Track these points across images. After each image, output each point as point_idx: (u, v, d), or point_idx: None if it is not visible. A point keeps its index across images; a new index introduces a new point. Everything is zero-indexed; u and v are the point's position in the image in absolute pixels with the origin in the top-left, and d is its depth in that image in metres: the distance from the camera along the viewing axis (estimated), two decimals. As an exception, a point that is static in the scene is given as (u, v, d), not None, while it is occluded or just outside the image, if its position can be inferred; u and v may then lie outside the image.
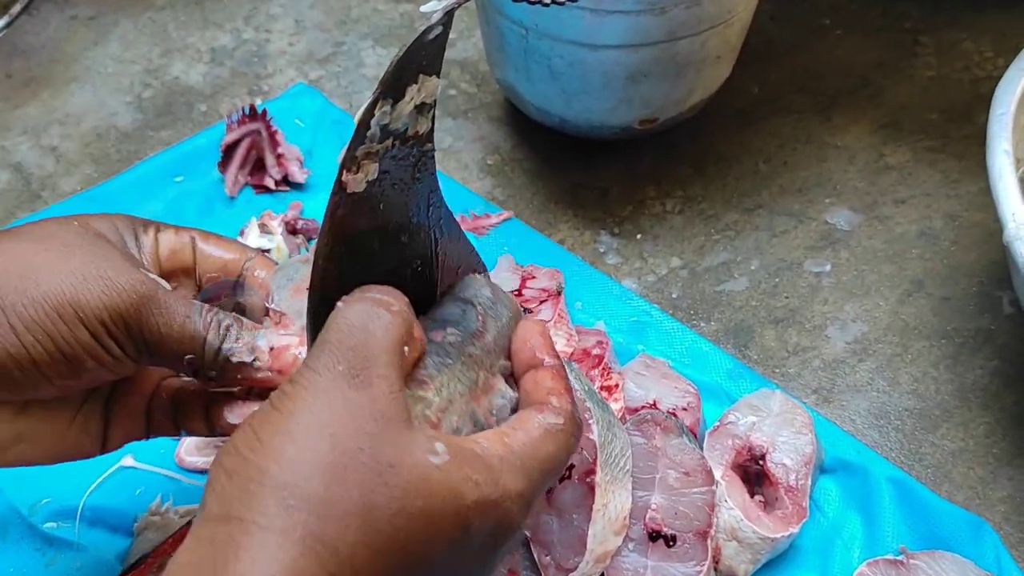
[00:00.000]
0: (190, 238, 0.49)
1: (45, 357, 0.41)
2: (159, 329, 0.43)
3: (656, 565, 0.59)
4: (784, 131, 0.90)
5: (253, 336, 0.44)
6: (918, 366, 0.73)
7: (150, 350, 0.43)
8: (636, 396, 0.67)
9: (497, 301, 0.47)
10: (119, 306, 0.42)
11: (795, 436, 0.63)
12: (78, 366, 0.42)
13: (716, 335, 0.75)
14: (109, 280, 0.42)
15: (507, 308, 0.47)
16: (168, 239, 0.48)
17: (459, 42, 1.00)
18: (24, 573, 0.62)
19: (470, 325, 0.45)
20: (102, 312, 0.42)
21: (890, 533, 0.62)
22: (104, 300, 0.42)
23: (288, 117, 0.90)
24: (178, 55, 1.01)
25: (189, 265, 0.49)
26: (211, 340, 0.44)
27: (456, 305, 0.46)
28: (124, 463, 0.66)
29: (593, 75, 0.76)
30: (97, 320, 0.42)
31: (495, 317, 0.46)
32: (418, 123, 0.42)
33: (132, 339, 0.43)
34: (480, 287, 0.47)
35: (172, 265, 0.48)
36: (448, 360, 0.42)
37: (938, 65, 0.95)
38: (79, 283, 0.42)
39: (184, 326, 0.43)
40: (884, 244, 0.81)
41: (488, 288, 0.47)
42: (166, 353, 0.44)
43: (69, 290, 0.41)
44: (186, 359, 0.44)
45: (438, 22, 0.39)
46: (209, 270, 0.49)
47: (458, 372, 0.42)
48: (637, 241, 0.82)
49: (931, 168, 0.86)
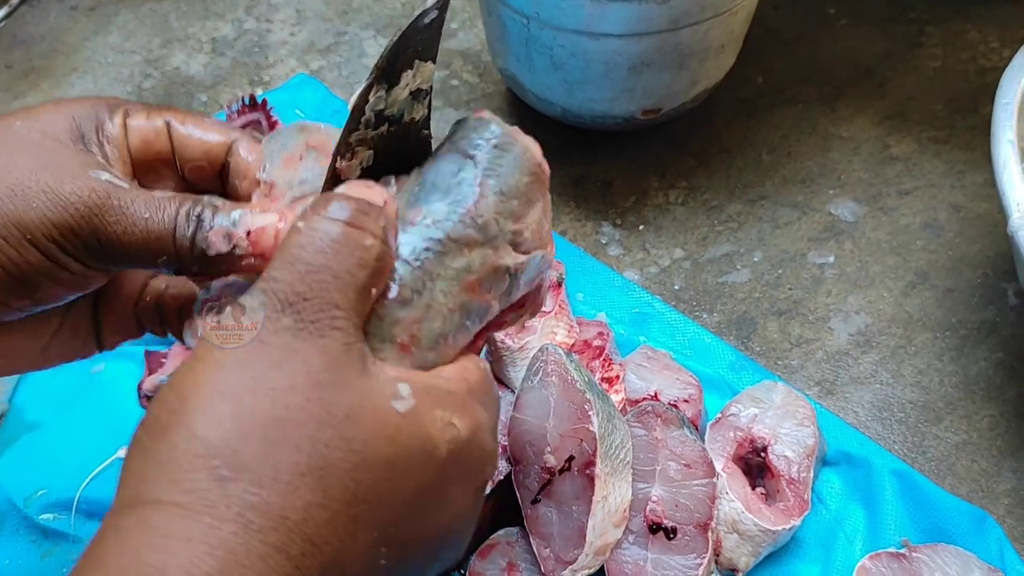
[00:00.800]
0: (164, 122, 0.42)
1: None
2: (119, 237, 0.38)
3: (656, 557, 0.58)
4: (788, 122, 0.90)
5: (229, 219, 0.38)
6: (922, 358, 0.72)
7: (113, 260, 0.39)
8: (637, 388, 0.66)
9: (505, 150, 0.39)
10: (67, 220, 0.37)
11: (797, 428, 0.63)
12: (33, 288, 0.38)
13: (718, 327, 0.75)
14: (52, 192, 0.37)
15: (517, 161, 0.39)
16: (139, 126, 0.42)
17: (461, 32, 0.99)
18: (20, 565, 0.62)
19: (464, 192, 0.38)
20: (49, 229, 0.37)
21: (893, 526, 0.62)
22: (50, 216, 0.37)
23: (289, 107, 0.89)
24: (179, 45, 1.00)
25: (166, 153, 0.43)
26: (181, 235, 0.38)
27: (451, 160, 0.39)
28: (120, 455, 0.66)
29: (595, 65, 0.75)
30: (45, 238, 0.37)
31: (499, 176, 0.39)
32: (414, 109, 0.41)
33: (90, 251, 0.38)
34: (484, 131, 0.39)
35: (146, 155, 0.42)
36: (425, 252, 0.36)
37: (944, 55, 0.94)
38: (19, 200, 0.37)
39: (148, 227, 0.38)
40: (888, 235, 0.80)
41: (495, 135, 0.39)
42: (135, 259, 0.39)
43: (10, 209, 0.37)
44: (159, 261, 0.39)
45: (433, 7, 0.38)
46: (190, 158, 0.43)
47: (437, 265, 0.37)
48: (639, 232, 0.81)
49: (936, 159, 0.86)
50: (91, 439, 0.67)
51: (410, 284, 0.36)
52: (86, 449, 0.67)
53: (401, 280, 0.36)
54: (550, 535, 0.57)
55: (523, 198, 0.39)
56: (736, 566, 0.60)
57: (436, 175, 0.39)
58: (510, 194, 0.38)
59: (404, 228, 0.37)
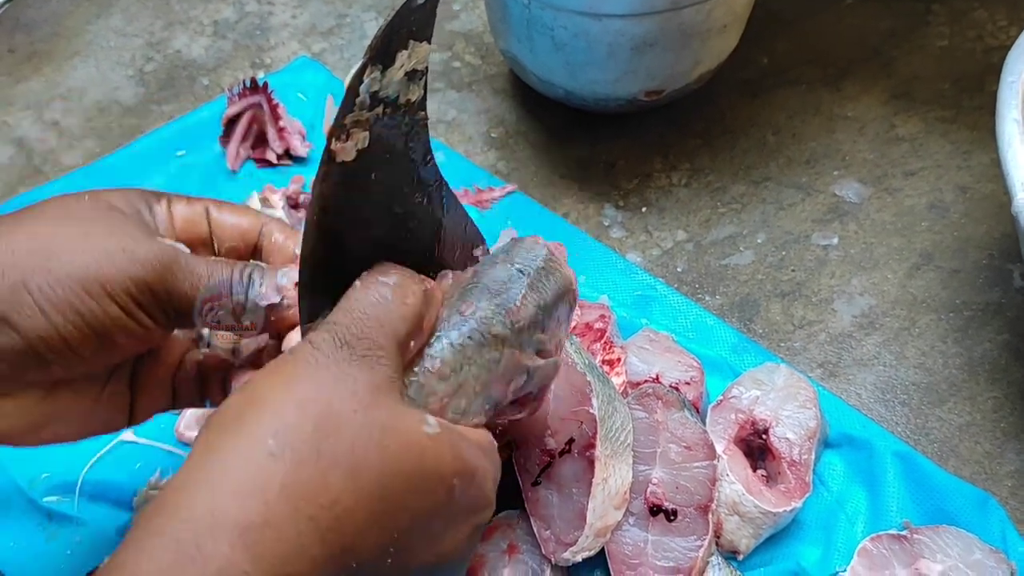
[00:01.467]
0: (203, 208, 0.49)
1: (75, 335, 0.41)
2: (186, 293, 0.43)
3: (657, 539, 0.58)
4: (793, 102, 0.89)
5: (275, 277, 0.45)
6: (926, 340, 0.72)
7: (180, 315, 0.44)
8: (639, 370, 0.66)
9: (549, 273, 0.46)
10: (144, 276, 0.42)
11: (799, 410, 0.63)
12: (109, 341, 0.43)
13: (721, 309, 0.75)
14: (131, 251, 0.42)
15: (556, 284, 0.46)
16: (181, 210, 0.48)
17: (463, 13, 0.99)
18: (25, 547, 0.62)
19: (510, 298, 0.44)
20: (128, 284, 0.42)
21: (895, 508, 0.62)
22: (129, 272, 0.42)
23: (291, 90, 0.89)
24: (180, 28, 1.00)
25: (205, 235, 0.48)
26: (237, 291, 0.44)
27: (504, 270, 0.45)
28: (124, 437, 0.66)
29: (597, 46, 0.75)
30: (124, 293, 0.42)
31: (540, 291, 0.45)
32: (409, 90, 0.41)
33: (161, 307, 0.43)
34: (536, 254, 0.46)
35: (188, 236, 0.48)
36: (468, 340, 0.42)
37: (950, 34, 0.94)
38: (102, 258, 0.42)
39: (209, 286, 0.44)
40: (893, 217, 0.80)
41: (543, 258, 0.46)
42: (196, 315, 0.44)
43: (93, 266, 0.41)
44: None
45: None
46: (226, 239, 0.49)
47: (475, 353, 0.42)
48: (642, 214, 0.81)
49: (942, 139, 0.85)
50: (94, 422, 0.67)
51: (450, 363, 0.42)
52: (90, 432, 0.67)
53: (443, 358, 0.42)
54: (551, 517, 0.57)
55: (555, 319, 0.47)
56: (737, 548, 0.60)
57: (490, 279, 0.45)
58: (546, 310, 0.46)
59: (455, 316, 0.43)
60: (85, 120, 0.91)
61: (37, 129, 0.90)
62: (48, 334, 0.41)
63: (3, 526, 0.63)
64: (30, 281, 0.41)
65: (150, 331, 0.44)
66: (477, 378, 0.42)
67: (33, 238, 0.42)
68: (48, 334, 0.41)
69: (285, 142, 0.84)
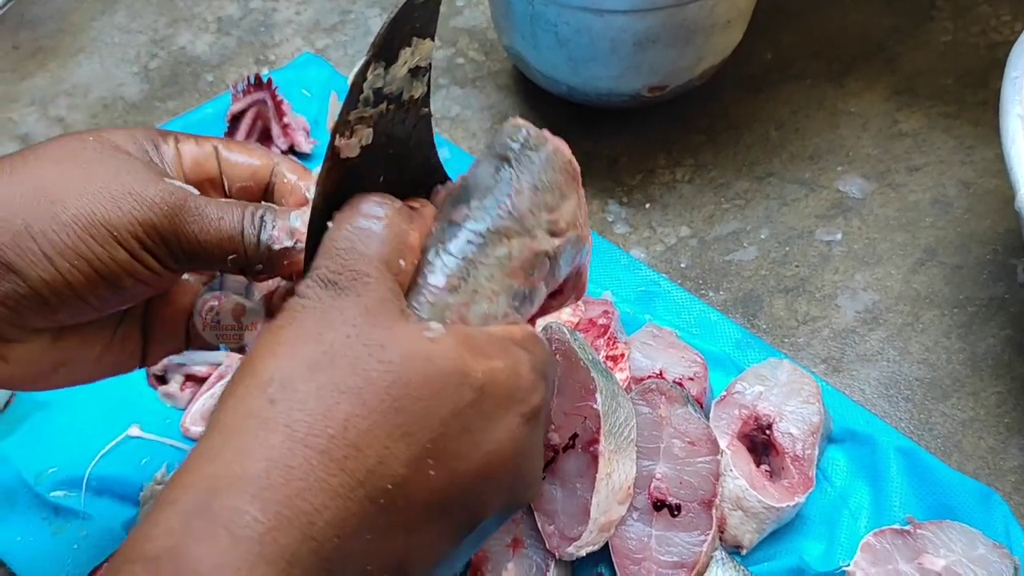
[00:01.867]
0: (212, 147, 0.47)
1: (82, 281, 0.41)
2: (196, 236, 0.42)
3: (661, 534, 0.58)
4: (796, 98, 0.89)
5: (287, 219, 0.43)
6: (929, 335, 0.72)
7: (189, 258, 0.43)
8: (642, 366, 0.66)
9: (535, 149, 0.42)
10: (151, 219, 0.41)
11: (802, 405, 0.63)
12: (116, 285, 0.42)
13: (725, 305, 0.75)
14: (137, 194, 0.41)
15: (545, 158, 0.43)
16: (190, 150, 0.46)
17: (466, 10, 0.99)
18: (31, 542, 0.62)
19: (501, 189, 0.41)
20: (135, 228, 0.41)
21: (898, 503, 0.62)
22: (136, 215, 0.41)
23: (295, 87, 0.89)
24: (185, 25, 1.00)
25: (215, 175, 0.47)
26: (249, 233, 0.43)
27: (488, 163, 0.43)
28: (130, 433, 0.67)
29: (600, 41, 0.75)
30: (131, 236, 0.41)
31: (530, 171, 0.42)
32: (413, 87, 0.41)
33: (169, 250, 0.42)
34: (516, 135, 0.43)
35: (197, 176, 0.46)
36: (468, 244, 0.40)
37: (954, 29, 0.93)
38: (108, 201, 0.40)
39: (220, 227, 0.42)
40: (897, 212, 0.80)
41: (526, 137, 0.43)
42: (207, 258, 0.43)
43: (99, 210, 0.40)
44: (230, 259, 0.43)
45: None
46: (236, 178, 0.47)
47: (480, 255, 0.40)
48: (646, 210, 0.81)
49: (946, 134, 0.85)
50: (101, 417, 0.68)
51: (457, 273, 0.40)
52: (96, 427, 0.67)
53: (448, 271, 0.40)
54: (555, 512, 0.58)
55: (556, 191, 0.43)
56: (740, 543, 0.60)
57: (476, 177, 0.42)
58: (543, 188, 0.42)
59: (450, 226, 0.41)
60: (90, 116, 0.91)
61: (42, 125, 0.91)
62: (53, 280, 0.40)
63: (9, 520, 0.63)
64: (34, 226, 0.40)
65: (159, 275, 0.43)
66: (491, 278, 0.40)
67: (36, 181, 0.41)
68: (53, 280, 0.40)
69: (289, 138, 0.84)
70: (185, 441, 0.67)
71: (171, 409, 0.69)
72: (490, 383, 0.37)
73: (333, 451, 0.33)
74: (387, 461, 0.34)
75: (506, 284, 0.41)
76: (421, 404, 0.35)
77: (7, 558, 0.62)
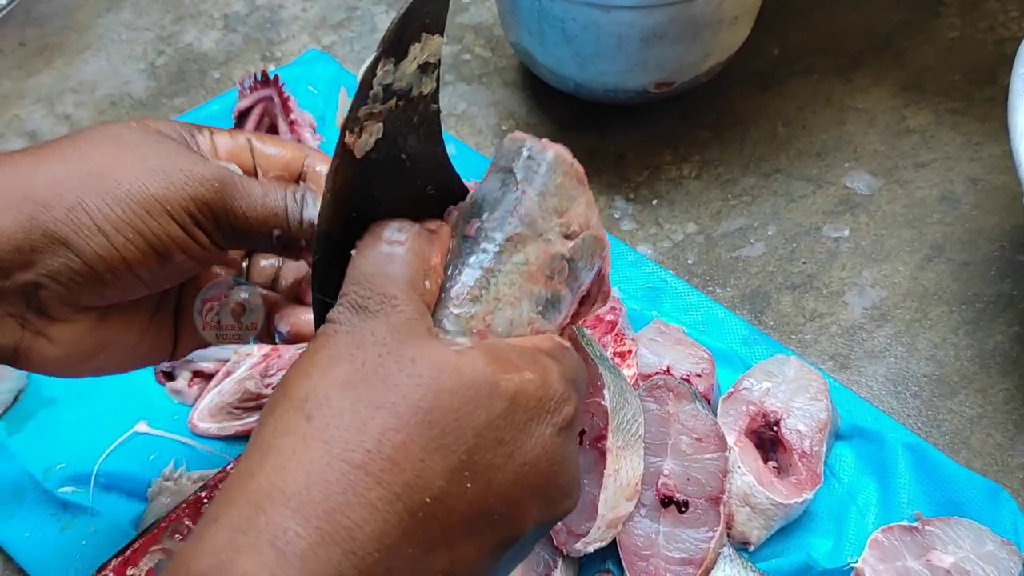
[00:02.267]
0: (246, 140, 0.49)
1: (136, 255, 0.42)
2: (244, 212, 0.44)
3: (668, 531, 0.58)
4: (804, 94, 0.89)
5: None
6: (937, 332, 0.72)
7: (238, 234, 0.45)
8: (650, 362, 0.66)
9: (538, 160, 0.43)
10: (203, 195, 0.43)
11: (810, 402, 0.63)
12: (167, 260, 0.43)
13: (732, 301, 0.75)
14: (188, 171, 0.43)
15: (548, 166, 0.43)
16: (224, 141, 0.48)
17: (473, 6, 0.99)
18: (39, 537, 0.63)
19: (508, 200, 0.42)
20: (188, 203, 0.43)
21: (906, 499, 0.62)
22: (188, 191, 0.43)
23: (301, 83, 0.89)
24: (191, 22, 1.00)
25: (249, 165, 0.49)
26: (292, 211, 0.45)
27: (495, 177, 0.44)
28: (138, 429, 0.67)
29: (607, 38, 0.75)
30: (184, 211, 0.43)
31: (533, 180, 0.43)
32: (422, 83, 0.41)
33: (218, 226, 0.44)
34: (518, 147, 0.44)
35: None
36: (484, 256, 0.41)
37: (962, 25, 0.93)
38: (161, 179, 0.42)
39: (265, 204, 0.45)
40: (904, 208, 0.79)
41: (527, 148, 0.44)
42: (253, 234, 0.45)
43: (153, 186, 0.42)
44: (275, 235, 0.45)
45: (440, -21, 0.38)
46: (270, 168, 0.49)
47: (497, 264, 0.41)
48: (653, 207, 0.81)
49: (953, 131, 0.85)
50: (108, 413, 0.68)
51: (478, 284, 0.41)
52: (104, 423, 0.68)
53: (470, 283, 0.41)
54: (562, 508, 0.58)
55: (563, 195, 0.43)
56: (748, 539, 0.60)
57: (484, 192, 0.43)
58: (550, 193, 0.43)
59: (465, 241, 0.42)
60: (97, 113, 0.92)
61: (49, 122, 0.91)
62: (108, 254, 0.42)
63: (18, 516, 0.64)
64: (88, 202, 0.41)
65: (207, 250, 0.45)
66: (511, 285, 0.41)
67: (89, 160, 0.42)
68: (108, 254, 0.42)
69: (296, 135, 0.84)
70: (193, 437, 0.67)
71: (179, 405, 0.69)
72: (520, 394, 0.37)
73: (370, 465, 0.34)
74: (424, 474, 0.34)
75: (527, 289, 0.42)
76: (453, 416, 0.35)
77: (16, 554, 0.62)
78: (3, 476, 0.65)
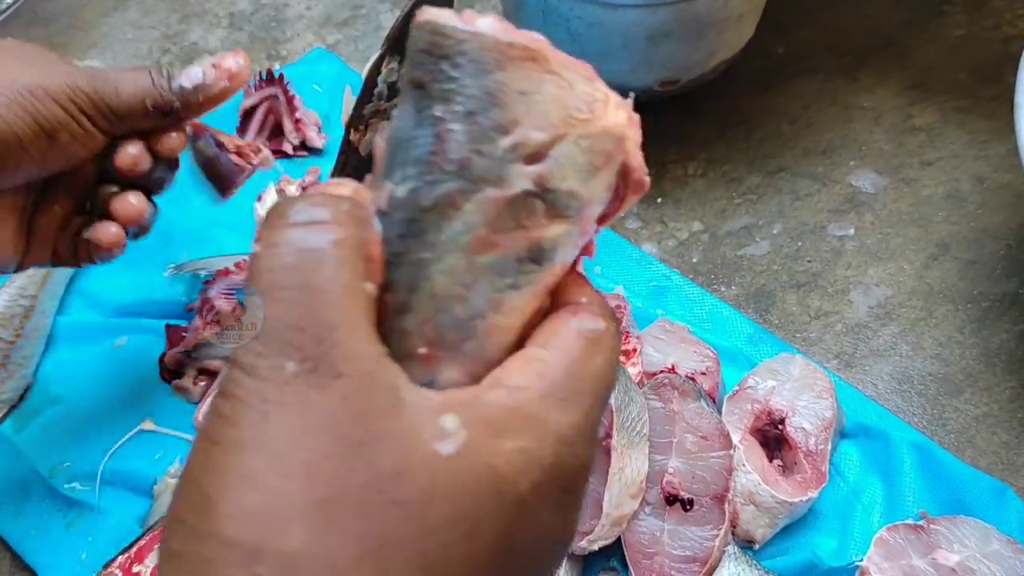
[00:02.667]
0: None
1: (27, 132, 0.49)
2: (116, 92, 0.52)
3: (673, 529, 0.58)
4: (809, 92, 0.89)
5: (190, 68, 0.54)
6: (942, 330, 0.72)
7: (116, 114, 0.52)
8: (655, 361, 0.66)
9: (453, 55, 0.27)
10: (81, 84, 0.51)
11: (815, 400, 0.63)
12: (55, 138, 0.51)
13: (737, 300, 0.75)
14: (64, 68, 0.51)
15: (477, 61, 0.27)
16: None
17: (477, 4, 0.99)
18: (45, 534, 0.63)
19: (420, 142, 0.28)
20: (67, 90, 0.50)
21: (911, 498, 0.62)
22: (67, 80, 0.51)
23: (306, 82, 0.89)
24: (196, 20, 1.00)
25: None
26: (159, 81, 0.53)
27: (406, 102, 0.28)
28: (143, 427, 0.67)
29: (612, 36, 0.75)
30: (65, 96, 0.50)
31: (458, 93, 0.27)
32: (427, 81, 0.40)
33: (99, 109, 0.52)
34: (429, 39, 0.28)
35: None
36: (401, 240, 0.28)
37: (967, 23, 0.93)
38: (43, 73, 0.50)
39: (136, 82, 0.52)
40: (910, 207, 0.79)
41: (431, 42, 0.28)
42: (130, 113, 0.52)
43: (38, 76, 0.50)
44: (150, 104, 0.52)
45: (444, -25, 0.37)
46: None
47: (424, 246, 0.28)
48: (658, 205, 0.81)
49: (959, 129, 0.84)
50: (114, 411, 0.68)
51: (403, 283, 0.28)
52: (109, 421, 0.68)
53: (392, 282, 0.28)
54: (567, 506, 0.58)
55: (508, 95, 0.28)
56: (753, 538, 0.60)
57: (395, 133, 0.28)
58: (482, 106, 0.27)
59: (380, 218, 0.28)
60: (102, 112, 0.92)
61: (55, 121, 0.91)
62: (2, 132, 0.49)
63: (24, 513, 0.64)
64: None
65: (90, 134, 0.52)
66: (451, 272, 0.28)
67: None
68: (2, 132, 0.49)
69: (301, 133, 0.84)
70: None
71: (184, 403, 0.69)
72: (533, 490, 0.27)
73: None
74: None
75: (476, 265, 0.28)
76: (455, 552, 0.26)
77: (22, 550, 0.62)
78: (9, 473, 0.65)
